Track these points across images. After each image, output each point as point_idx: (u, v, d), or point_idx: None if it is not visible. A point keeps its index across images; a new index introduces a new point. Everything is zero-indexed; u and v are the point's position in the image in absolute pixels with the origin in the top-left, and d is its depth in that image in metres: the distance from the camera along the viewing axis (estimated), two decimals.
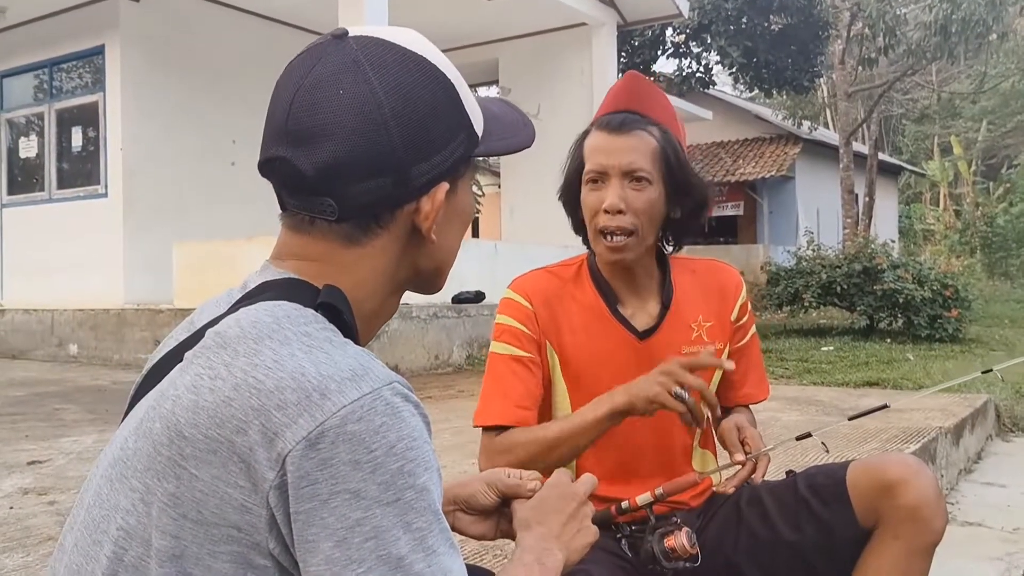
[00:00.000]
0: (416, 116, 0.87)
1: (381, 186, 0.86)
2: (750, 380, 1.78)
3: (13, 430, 4.66)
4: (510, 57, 11.96)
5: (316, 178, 0.86)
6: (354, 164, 0.85)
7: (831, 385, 6.23)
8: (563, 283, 1.69)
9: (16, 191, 10.72)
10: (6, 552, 2.39)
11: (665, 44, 15.95)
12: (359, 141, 0.85)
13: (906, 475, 1.52)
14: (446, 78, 0.91)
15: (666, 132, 1.60)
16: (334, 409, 0.75)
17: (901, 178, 30.26)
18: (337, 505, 0.74)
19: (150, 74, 9.57)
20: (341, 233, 0.89)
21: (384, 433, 0.75)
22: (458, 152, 0.92)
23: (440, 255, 0.97)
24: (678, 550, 1.45)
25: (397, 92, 0.86)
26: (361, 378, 0.78)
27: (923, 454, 3.63)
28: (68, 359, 9.11)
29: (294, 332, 0.81)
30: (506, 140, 1.00)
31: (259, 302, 0.85)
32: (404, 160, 0.87)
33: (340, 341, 0.83)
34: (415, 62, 0.89)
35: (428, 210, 0.90)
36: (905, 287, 9.41)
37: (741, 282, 1.78)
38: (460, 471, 3.35)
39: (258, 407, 0.76)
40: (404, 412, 0.78)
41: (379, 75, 0.86)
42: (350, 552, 0.74)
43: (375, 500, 0.74)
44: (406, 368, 7.33)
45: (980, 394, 5.45)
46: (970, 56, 17.10)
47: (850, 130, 18.79)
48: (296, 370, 0.77)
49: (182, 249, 8.36)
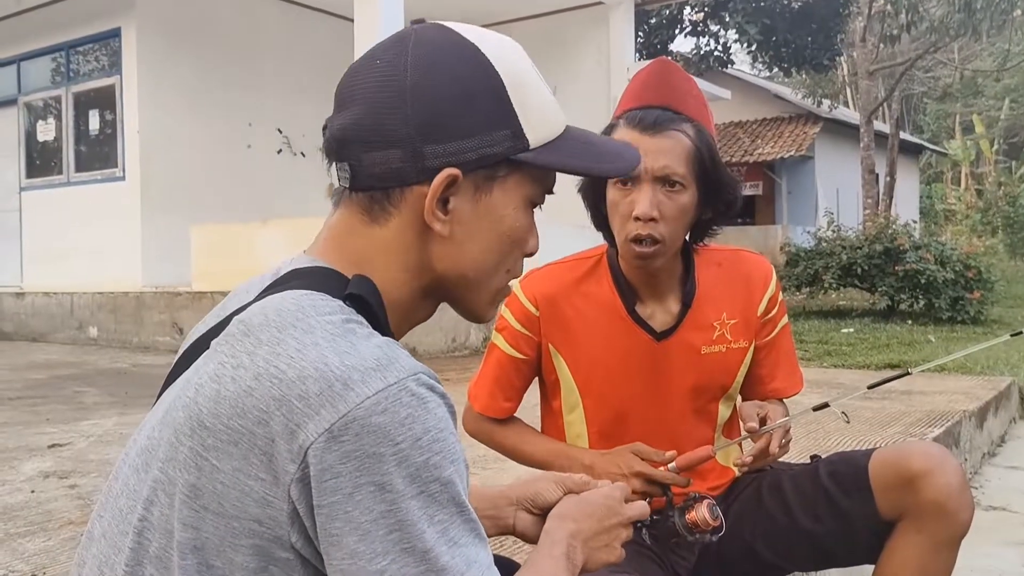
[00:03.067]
0: (439, 95, 0.84)
1: (391, 157, 0.85)
2: (780, 374, 1.71)
3: (34, 413, 4.69)
4: (526, 37, 11.83)
5: (338, 141, 0.87)
6: (368, 130, 0.85)
7: (852, 367, 6.18)
8: (578, 279, 1.64)
9: (35, 174, 10.78)
10: (28, 536, 2.40)
11: (683, 23, 15.79)
12: (376, 108, 0.85)
13: (930, 467, 1.47)
14: (494, 70, 0.87)
15: (700, 130, 1.49)
16: (358, 400, 0.73)
17: (922, 157, 29.95)
18: (362, 498, 0.73)
19: (166, 57, 9.57)
20: (360, 206, 0.88)
21: (410, 425, 0.74)
22: (491, 149, 0.86)
23: (463, 261, 0.90)
24: (700, 523, 1.44)
25: (427, 68, 0.85)
26: (386, 368, 0.76)
27: (947, 438, 3.59)
28: (88, 342, 9.18)
29: (318, 321, 0.79)
30: (571, 159, 0.92)
31: (286, 290, 0.84)
32: (418, 135, 0.84)
33: (365, 331, 0.80)
34: (462, 47, 0.87)
35: (429, 192, 0.85)
36: (927, 268, 9.31)
37: (770, 273, 1.68)
38: (479, 455, 3.34)
39: (279, 397, 0.74)
40: (430, 403, 0.76)
41: (417, 50, 0.86)
42: (374, 545, 0.73)
43: (400, 493, 0.73)
44: (424, 351, 7.33)
45: (1004, 376, 5.39)
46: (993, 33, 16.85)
47: (871, 109, 18.57)
48: (319, 360, 0.75)
49: (199, 232, 8.38)
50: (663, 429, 1.61)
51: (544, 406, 1.75)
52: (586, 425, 1.65)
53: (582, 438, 1.66)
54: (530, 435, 1.72)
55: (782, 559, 1.63)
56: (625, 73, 10.60)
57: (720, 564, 1.66)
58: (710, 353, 1.62)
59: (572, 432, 1.67)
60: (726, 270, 1.66)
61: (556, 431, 1.70)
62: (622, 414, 1.62)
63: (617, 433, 1.62)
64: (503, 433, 1.72)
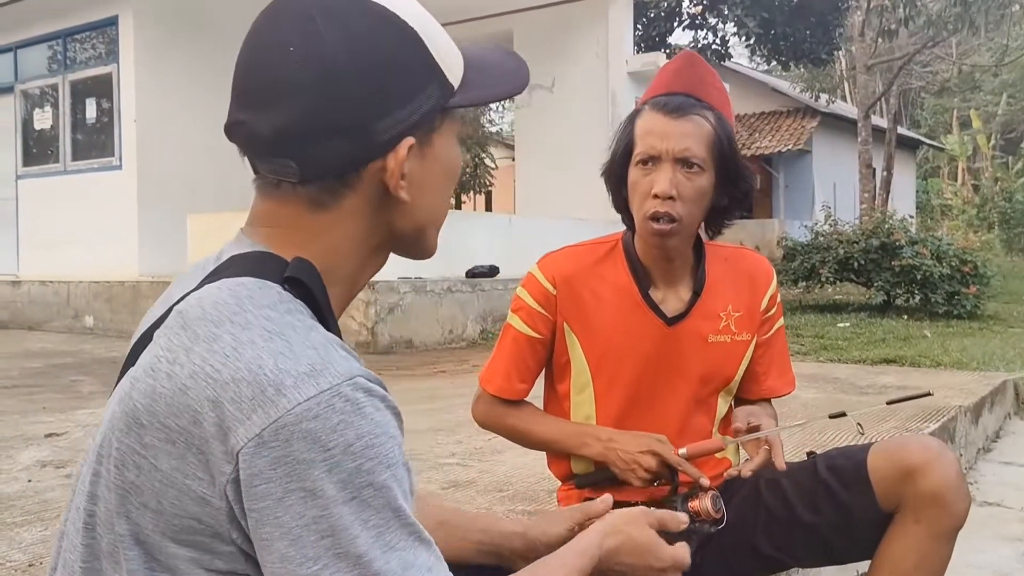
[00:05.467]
0: (373, 69, 0.82)
1: (341, 145, 0.82)
2: (774, 372, 1.77)
3: (30, 402, 4.69)
4: (525, 29, 11.84)
5: (274, 140, 0.82)
6: (311, 123, 0.81)
7: (848, 362, 6.19)
8: (594, 262, 1.68)
9: (31, 163, 10.75)
10: (24, 526, 2.40)
11: (681, 16, 15.74)
12: (313, 98, 0.80)
13: (928, 459, 1.50)
14: (409, 27, 0.85)
15: (721, 118, 1.56)
16: (289, 406, 0.72)
17: (919, 152, 29.96)
18: (292, 503, 0.72)
19: (163, 45, 9.53)
20: (306, 197, 0.85)
21: (342, 431, 0.73)
22: (428, 104, 0.86)
23: (420, 215, 0.90)
24: (702, 513, 1.47)
25: (350, 44, 0.81)
26: (320, 373, 0.74)
27: (942, 433, 3.60)
28: (84, 331, 9.17)
29: (256, 316, 0.77)
30: (491, 88, 0.92)
31: (224, 278, 0.82)
32: (364, 116, 0.82)
33: (305, 325, 0.79)
34: (372, 10, 0.83)
35: (393, 167, 0.84)
36: (923, 263, 9.31)
37: (772, 272, 1.76)
38: (475, 447, 3.36)
39: (213, 399, 0.74)
40: (366, 407, 0.75)
41: (330, 27, 0.81)
42: (305, 550, 0.72)
43: (331, 499, 0.72)
44: (420, 342, 7.33)
45: (999, 372, 5.40)
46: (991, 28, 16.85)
47: (869, 103, 18.57)
48: (253, 361, 0.74)
49: (196, 220, 8.36)
50: (668, 416, 1.65)
51: (548, 392, 1.77)
52: (595, 406, 1.68)
53: (591, 419, 1.68)
54: (543, 417, 1.74)
55: (782, 552, 1.65)
56: (624, 66, 10.58)
57: (719, 558, 1.67)
58: (716, 342, 1.66)
59: (580, 413, 1.69)
60: (732, 265, 1.72)
61: (562, 415, 1.73)
62: (631, 397, 1.66)
63: (626, 415, 1.65)
64: (516, 416, 1.72)
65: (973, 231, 22.89)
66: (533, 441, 1.73)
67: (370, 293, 6.92)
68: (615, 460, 1.57)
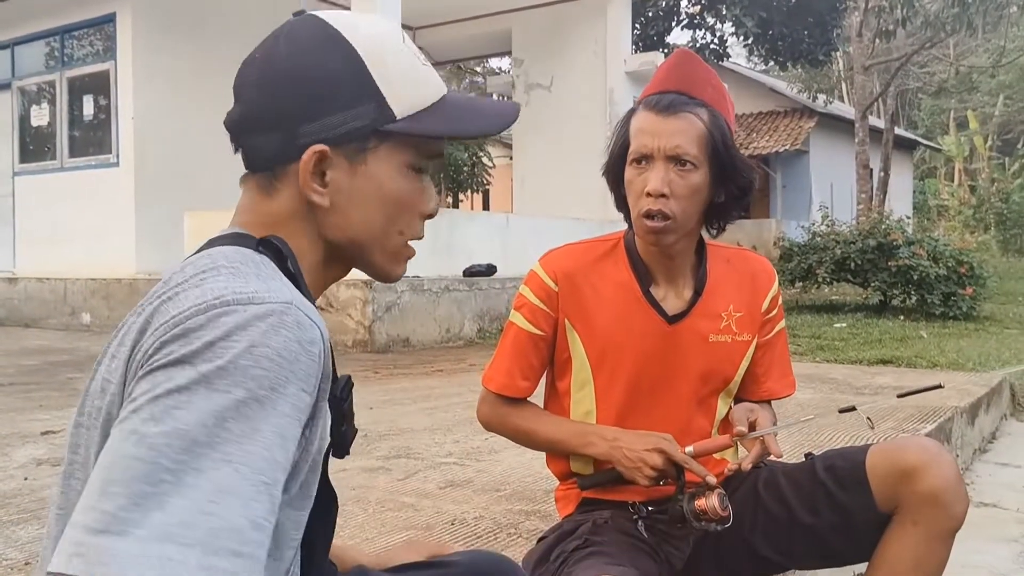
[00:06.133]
0: (306, 78, 0.92)
1: (272, 140, 0.93)
2: (773, 375, 1.77)
3: (27, 399, 4.68)
4: (523, 28, 11.84)
5: (232, 129, 0.96)
6: (251, 118, 0.94)
7: (844, 362, 6.19)
8: (596, 259, 1.69)
9: (28, 159, 10.72)
10: (21, 523, 2.39)
11: (679, 15, 15.74)
12: (256, 96, 0.93)
13: (926, 460, 1.51)
14: (352, 48, 0.93)
15: (715, 115, 1.56)
16: (219, 303, 0.78)
17: (916, 153, 29.99)
18: (173, 371, 0.74)
19: (161, 42, 9.52)
20: (258, 184, 0.95)
21: (250, 334, 0.75)
22: (358, 122, 0.93)
23: (349, 227, 0.96)
24: (708, 512, 1.47)
25: (294, 55, 0.93)
26: (261, 297, 0.79)
27: (939, 433, 3.60)
28: (81, 328, 9.15)
29: (226, 266, 0.84)
30: (448, 124, 0.97)
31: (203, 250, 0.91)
32: (291, 117, 0.92)
33: (268, 273, 0.86)
34: (325, 33, 0.94)
35: (300, 167, 0.92)
36: (920, 264, 9.32)
37: (774, 274, 1.76)
38: (473, 446, 3.35)
39: (173, 321, 0.79)
40: (284, 331, 0.77)
41: (287, 42, 0.94)
42: (154, 408, 0.71)
43: (203, 379, 0.73)
44: (417, 341, 7.33)
45: (995, 373, 5.41)
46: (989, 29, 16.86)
47: (866, 104, 18.57)
48: (211, 291, 0.80)
49: (193, 218, 8.35)
50: (668, 415, 1.65)
51: (549, 390, 1.77)
52: (595, 403, 1.67)
53: (591, 416, 1.68)
54: (547, 416, 1.73)
55: (780, 554, 1.65)
56: (622, 65, 10.58)
57: (715, 559, 1.67)
58: (717, 342, 1.66)
59: (580, 410, 1.69)
60: (734, 266, 1.72)
61: (561, 412, 1.73)
62: (631, 394, 1.65)
63: (626, 412, 1.65)
64: (519, 415, 1.72)
65: (970, 232, 22.93)
66: (537, 441, 1.72)
67: (367, 291, 6.91)
68: (621, 459, 1.57)
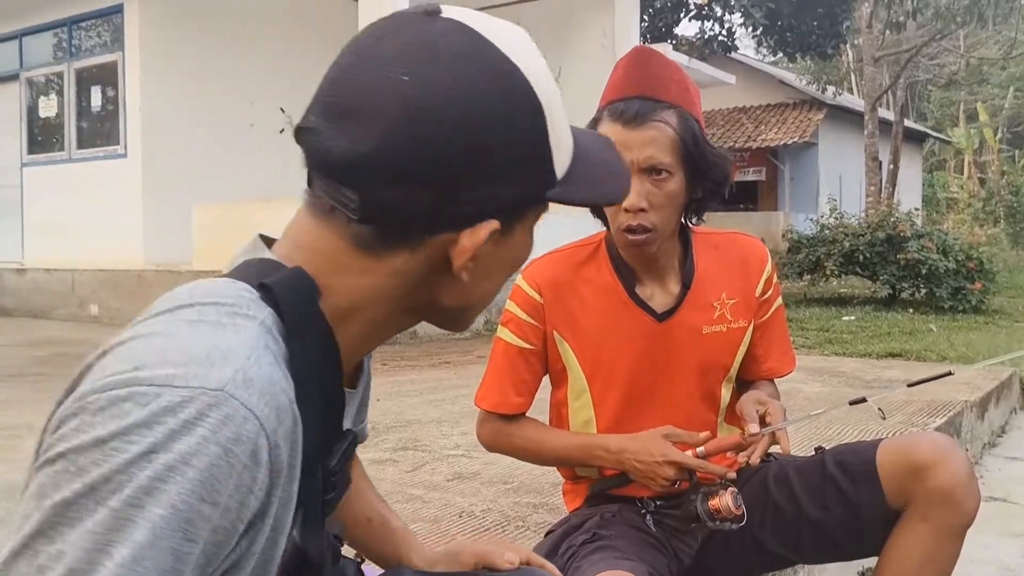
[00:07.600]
0: (483, 132, 0.72)
1: (419, 200, 0.72)
2: (774, 354, 1.74)
3: (36, 390, 4.69)
4: (531, 19, 11.77)
5: (343, 163, 0.72)
6: (389, 162, 0.71)
7: (853, 356, 6.17)
8: (577, 266, 1.65)
9: (36, 150, 10.74)
10: None
11: (687, 6, 15.68)
12: (404, 138, 0.70)
13: (937, 457, 1.49)
14: (537, 100, 0.75)
15: (684, 116, 1.51)
16: (124, 382, 0.63)
17: (925, 145, 29.87)
18: (61, 477, 0.62)
19: (169, 34, 9.51)
20: (359, 235, 0.74)
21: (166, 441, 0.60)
22: (525, 189, 0.76)
23: (470, 298, 0.82)
24: (722, 511, 1.46)
25: (468, 97, 0.71)
26: (186, 381, 0.63)
27: (948, 428, 3.59)
28: (89, 319, 9.17)
29: (187, 317, 0.69)
30: (592, 188, 0.82)
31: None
32: (455, 178, 0.72)
33: (239, 326, 0.68)
34: (505, 69, 0.73)
35: (466, 246, 0.74)
36: (929, 257, 9.29)
37: (766, 254, 1.72)
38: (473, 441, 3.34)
39: (95, 367, 0.68)
40: (199, 429, 0.61)
41: (454, 70, 0.71)
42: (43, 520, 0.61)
43: (90, 489, 0.60)
44: (424, 333, 7.32)
45: (1005, 367, 5.39)
46: (999, 21, 16.76)
47: (876, 96, 18.51)
48: (131, 357, 0.66)
49: (201, 211, 8.36)
50: (670, 412, 1.62)
51: (550, 400, 1.75)
52: (594, 410, 1.65)
53: (590, 424, 1.66)
54: (548, 432, 1.70)
55: (790, 550, 1.64)
56: None
57: (725, 553, 1.66)
58: (712, 333, 1.63)
59: (579, 419, 1.67)
60: (723, 252, 1.69)
61: (560, 422, 1.71)
62: (628, 397, 1.63)
63: (626, 417, 1.63)
64: (519, 433, 1.69)
65: (979, 225, 22.81)
66: (543, 458, 1.71)
67: None
68: (631, 470, 1.55)
